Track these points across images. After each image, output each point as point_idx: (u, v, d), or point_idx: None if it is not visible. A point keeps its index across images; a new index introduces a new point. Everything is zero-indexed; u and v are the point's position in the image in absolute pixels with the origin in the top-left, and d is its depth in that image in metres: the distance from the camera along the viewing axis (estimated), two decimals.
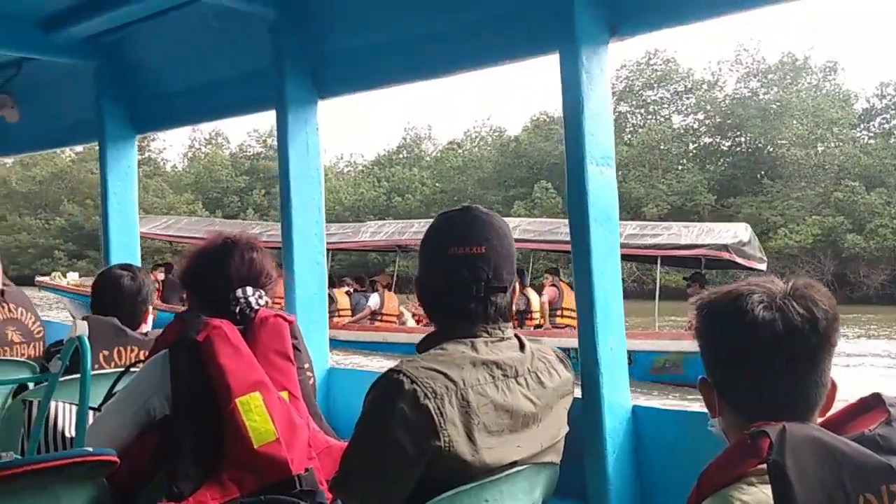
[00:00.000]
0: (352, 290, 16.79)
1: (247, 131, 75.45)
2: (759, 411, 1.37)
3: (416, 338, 2.08)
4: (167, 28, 3.81)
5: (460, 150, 59.84)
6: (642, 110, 53.40)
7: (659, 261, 14.47)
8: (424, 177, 56.69)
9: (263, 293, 2.32)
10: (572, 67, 2.26)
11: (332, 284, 17.07)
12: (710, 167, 48.79)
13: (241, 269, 2.31)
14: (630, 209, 46.65)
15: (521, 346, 1.95)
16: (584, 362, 2.28)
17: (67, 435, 2.52)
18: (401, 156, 64.26)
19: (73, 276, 22.67)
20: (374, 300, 16.04)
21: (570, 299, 14.16)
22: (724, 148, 50.35)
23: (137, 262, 4.22)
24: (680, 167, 48.55)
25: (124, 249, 4.16)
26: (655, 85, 51.89)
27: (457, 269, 1.89)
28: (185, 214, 53.44)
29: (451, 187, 55.40)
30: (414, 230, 17.02)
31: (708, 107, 50.45)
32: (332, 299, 15.14)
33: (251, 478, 2.00)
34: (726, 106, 48.95)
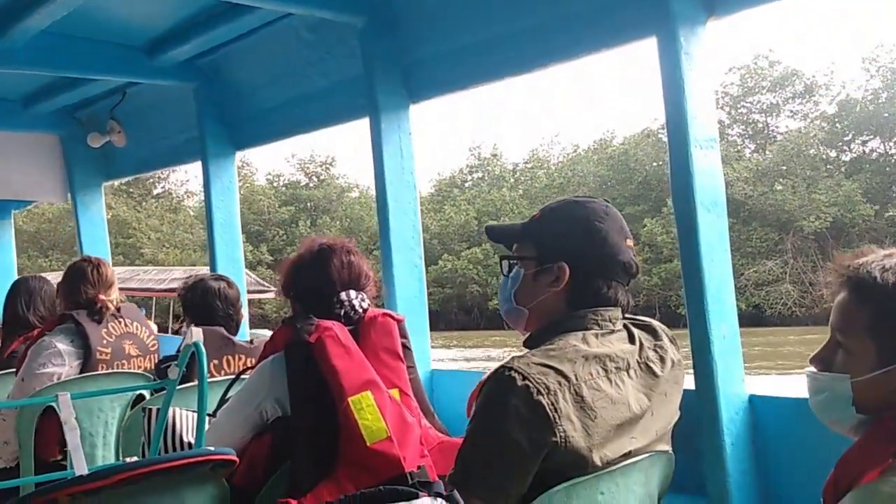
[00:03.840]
0: None
1: (285, 157, 70.56)
2: None
3: None
4: (260, 45, 3.93)
5: (542, 170, 55.70)
6: (761, 116, 49.89)
7: None
8: (515, 197, 52.34)
9: (365, 296, 2.36)
10: (671, 51, 2.22)
11: None
12: (857, 176, 44.20)
13: (342, 273, 2.35)
14: (781, 224, 42.35)
15: (631, 338, 1.91)
16: (697, 352, 2.21)
17: (186, 439, 2.60)
18: (474, 177, 60.35)
19: None
20: None
21: None
22: (862, 154, 46.04)
23: (241, 270, 4.36)
24: (826, 175, 44.14)
25: (229, 259, 4.31)
26: (767, 90, 48.45)
27: (626, 253, 1.90)
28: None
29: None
30: None
31: (834, 110, 46.43)
32: None
33: (366, 475, 2.01)
34: (861, 110, 44.81)
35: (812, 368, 1.47)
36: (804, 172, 43.99)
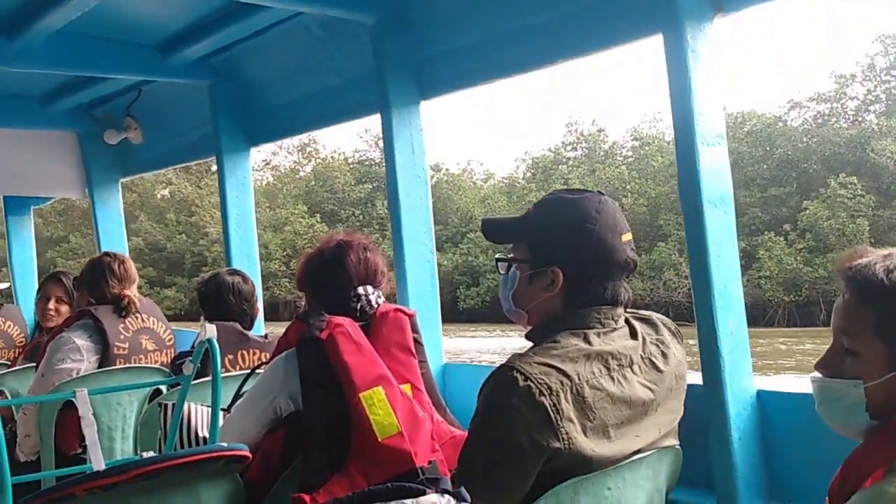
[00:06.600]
0: None
1: (357, 133, 65.26)
2: None
3: None
4: (273, 43, 3.96)
5: (651, 147, 49.99)
6: None
7: None
8: (635, 176, 47.43)
9: (380, 293, 2.38)
10: (677, 48, 2.22)
11: None
12: None
13: (358, 269, 2.38)
14: None
15: (633, 333, 1.92)
16: (704, 347, 2.23)
17: (201, 434, 2.64)
18: (577, 154, 54.90)
19: None
20: None
21: None
22: None
23: (257, 266, 4.41)
24: None
25: (244, 254, 4.36)
26: None
27: (622, 251, 1.90)
28: (304, 229, 47.81)
29: (674, 187, 45.76)
30: None
31: None
32: None
33: (377, 470, 2.04)
34: None
35: (817, 374, 1.46)
36: None
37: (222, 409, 2.49)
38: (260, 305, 3.64)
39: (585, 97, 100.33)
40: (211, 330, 2.43)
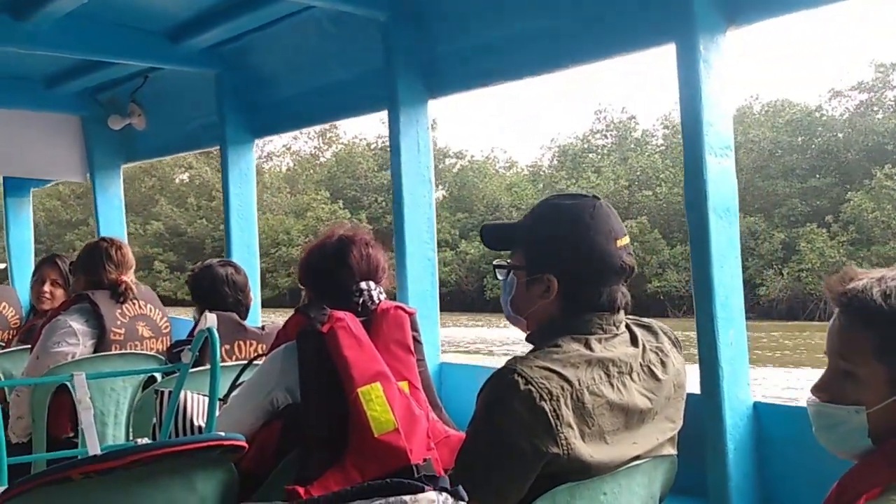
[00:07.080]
0: None
1: (380, 119, 63.36)
2: None
3: None
4: (283, 35, 3.96)
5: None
6: None
7: None
8: (668, 165, 44.84)
9: (381, 289, 2.39)
10: (690, 58, 2.24)
11: None
12: None
13: (361, 264, 2.38)
14: None
15: (634, 340, 1.92)
16: (704, 357, 2.23)
17: (196, 423, 2.64)
18: (608, 142, 53.03)
19: None
20: None
21: None
22: None
23: (256, 257, 4.41)
24: None
25: (244, 245, 4.36)
26: None
27: (617, 256, 1.87)
28: (327, 215, 45.98)
29: None
30: None
31: None
32: None
33: (372, 466, 2.04)
34: None
35: (814, 398, 1.45)
36: None
37: (218, 399, 2.49)
38: (255, 296, 3.64)
39: (599, 90, 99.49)
40: (211, 319, 2.44)
